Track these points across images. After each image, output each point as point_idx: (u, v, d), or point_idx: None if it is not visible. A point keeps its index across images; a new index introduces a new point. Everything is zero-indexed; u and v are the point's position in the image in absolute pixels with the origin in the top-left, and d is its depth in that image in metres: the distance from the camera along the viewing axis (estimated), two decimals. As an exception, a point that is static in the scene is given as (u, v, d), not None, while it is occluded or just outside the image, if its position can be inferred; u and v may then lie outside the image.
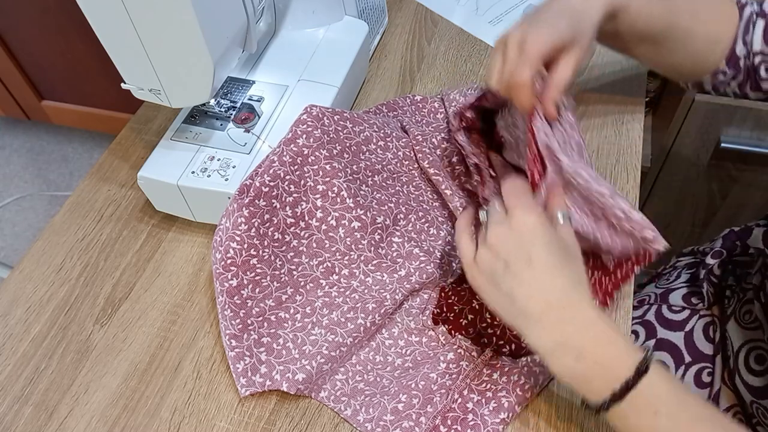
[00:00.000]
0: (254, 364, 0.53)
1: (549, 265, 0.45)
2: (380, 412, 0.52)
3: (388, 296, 0.56)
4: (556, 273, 0.44)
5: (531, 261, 0.45)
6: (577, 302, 0.44)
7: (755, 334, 0.61)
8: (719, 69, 0.61)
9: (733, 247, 0.69)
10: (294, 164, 0.57)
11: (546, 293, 0.44)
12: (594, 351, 0.43)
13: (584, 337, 0.43)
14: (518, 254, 0.45)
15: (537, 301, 0.44)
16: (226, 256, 0.54)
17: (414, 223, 0.61)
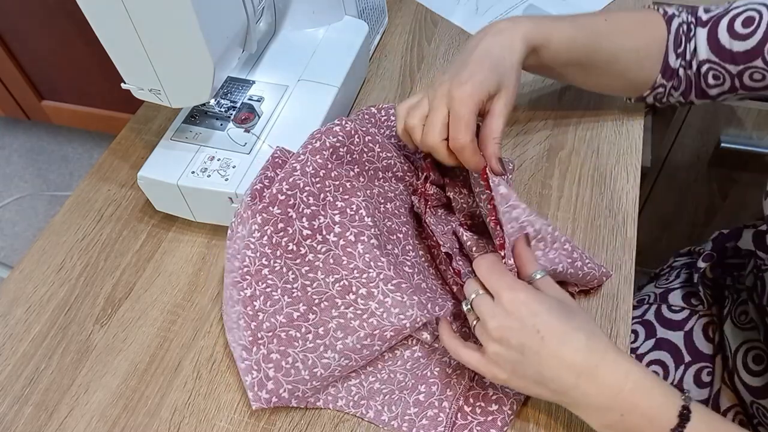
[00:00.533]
0: (261, 380, 0.52)
1: (560, 331, 0.43)
2: (403, 407, 0.52)
3: (408, 324, 0.53)
4: (571, 334, 0.43)
5: (542, 336, 0.43)
6: (603, 354, 0.43)
7: (752, 335, 0.61)
8: (657, 83, 0.62)
9: (723, 249, 0.69)
10: (316, 176, 0.55)
11: (571, 360, 0.43)
12: (636, 406, 0.42)
13: (623, 394, 0.42)
14: (528, 335, 0.44)
15: (566, 374, 0.43)
16: (242, 264, 0.53)
17: (423, 256, 0.60)
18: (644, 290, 0.78)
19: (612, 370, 0.42)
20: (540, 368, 0.44)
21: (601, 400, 0.43)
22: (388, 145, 0.61)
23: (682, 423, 0.41)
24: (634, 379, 0.42)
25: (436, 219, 0.61)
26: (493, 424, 0.50)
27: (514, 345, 0.44)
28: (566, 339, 0.43)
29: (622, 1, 0.84)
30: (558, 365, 0.43)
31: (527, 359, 0.44)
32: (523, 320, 0.44)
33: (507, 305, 0.45)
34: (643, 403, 0.42)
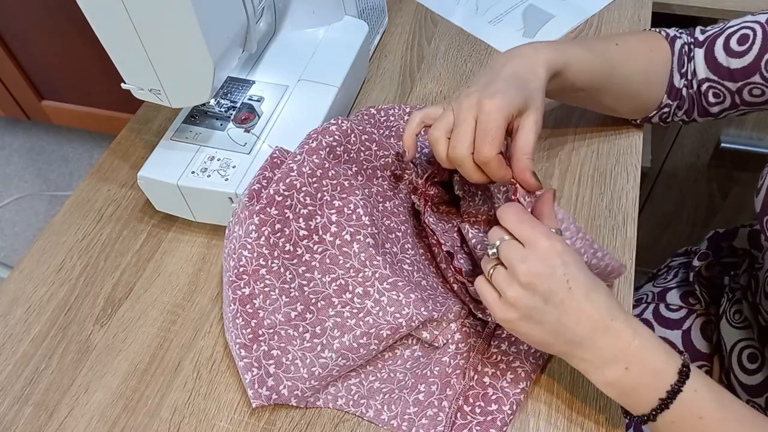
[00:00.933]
0: (262, 377, 0.52)
1: (586, 284, 0.45)
2: (402, 406, 0.52)
3: (404, 323, 0.53)
4: (595, 291, 0.45)
5: (570, 286, 0.44)
6: (617, 314, 0.45)
7: (746, 333, 0.61)
8: (663, 103, 0.63)
9: (718, 248, 0.69)
10: (313, 176, 0.55)
11: (591, 314, 0.44)
12: (641, 360, 0.44)
13: (630, 348, 0.44)
14: (557, 283, 0.44)
15: (584, 325, 0.44)
16: (239, 264, 0.53)
17: (423, 254, 0.60)
18: (642, 289, 0.78)
19: (623, 326, 0.44)
20: (560, 317, 0.44)
21: (610, 352, 0.44)
22: (385, 144, 0.61)
23: (681, 380, 0.43)
24: (641, 337, 0.44)
25: (437, 217, 0.61)
26: (493, 424, 0.50)
27: (540, 291, 0.44)
28: (590, 293, 0.44)
29: (621, 2, 0.84)
30: (578, 316, 0.44)
31: (549, 306, 0.44)
32: (555, 268, 0.45)
33: (543, 252, 0.45)
34: (648, 358, 0.44)
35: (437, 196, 0.61)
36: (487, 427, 0.50)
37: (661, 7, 0.98)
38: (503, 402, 0.51)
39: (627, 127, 0.70)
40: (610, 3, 0.84)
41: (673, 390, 0.43)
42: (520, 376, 0.52)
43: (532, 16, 0.84)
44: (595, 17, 0.83)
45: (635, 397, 0.45)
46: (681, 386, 0.43)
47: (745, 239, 0.65)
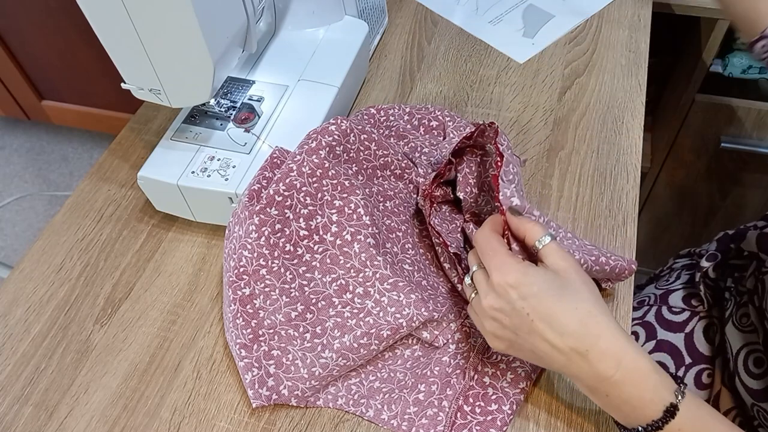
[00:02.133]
0: (262, 377, 0.53)
1: (550, 314, 0.43)
2: (402, 406, 0.52)
3: (404, 323, 0.53)
4: (561, 318, 0.43)
5: (532, 319, 0.44)
6: (595, 340, 0.43)
7: (752, 337, 0.61)
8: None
9: (727, 250, 0.69)
10: (313, 176, 0.55)
11: (561, 344, 0.43)
12: (622, 391, 0.43)
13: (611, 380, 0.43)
14: (518, 317, 0.44)
15: (556, 356, 0.44)
16: (239, 264, 0.53)
17: (424, 254, 0.60)
18: (644, 291, 0.78)
19: (602, 357, 0.43)
20: (533, 347, 0.45)
21: (589, 381, 0.44)
22: (384, 143, 0.61)
23: (665, 418, 0.42)
24: (624, 370, 0.42)
25: (441, 218, 0.61)
26: (493, 424, 0.50)
27: (507, 325, 0.45)
28: (555, 323, 0.43)
29: (621, 2, 0.84)
30: (548, 348, 0.44)
31: (521, 338, 0.45)
32: (512, 303, 0.44)
33: (497, 287, 0.45)
34: (629, 393, 0.43)
35: (442, 196, 0.61)
36: (487, 427, 0.50)
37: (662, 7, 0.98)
38: (503, 402, 0.51)
39: (627, 127, 0.70)
40: (610, 3, 0.84)
41: (653, 426, 0.42)
42: (520, 376, 0.52)
43: (532, 16, 0.84)
44: (595, 17, 0.83)
45: (618, 415, 0.45)
46: (663, 425, 0.42)
47: (753, 242, 0.65)
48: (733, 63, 1.02)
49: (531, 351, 0.45)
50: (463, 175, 0.60)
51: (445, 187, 0.62)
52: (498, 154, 0.52)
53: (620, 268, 0.54)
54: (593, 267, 0.52)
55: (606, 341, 0.43)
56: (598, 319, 0.43)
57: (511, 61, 0.79)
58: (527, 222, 0.48)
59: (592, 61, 0.78)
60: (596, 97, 0.74)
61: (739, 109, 1.05)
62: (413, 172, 0.63)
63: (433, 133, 0.68)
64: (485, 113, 0.73)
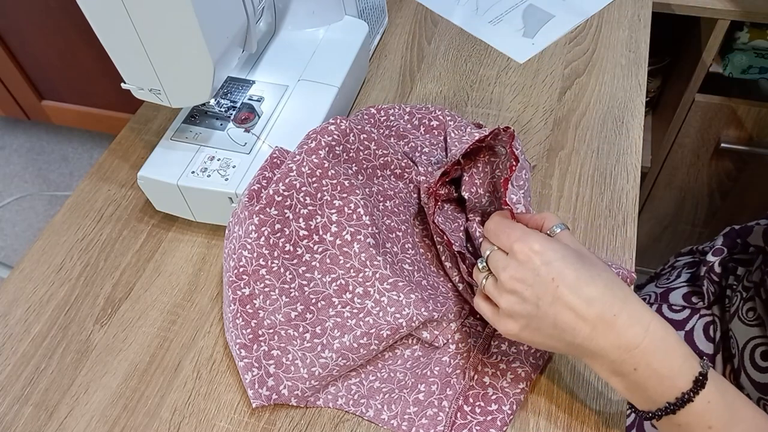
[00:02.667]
0: (262, 377, 0.53)
1: (576, 278, 0.42)
2: (402, 406, 0.52)
3: (404, 323, 0.53)
4: (587, 282, 0.42)
5: (557, 285, 0.42)
6: (622, 305, 0.41)
7: (759, 331, 0.61)
8: None
9: (733, 245, 0.69)
10: (312, 176, 0.55)
11: (587, 313, 0.41)
12: (652, 360, 0.41)
13: (639, 348, 0.41)
14: (542, 285, 0.43)
15: (581, 326, 0.42)
16: (239, 264, 0.53)
17: (424, 254, 0.60)
18: (645, 290, 0.78)
19: (630, 323, 0.41)
20: (555, 320, 0.42)
21: (615, 353, 0.41)
22: (384, 143, 0.61)
23: (695, 389, 0.40)
24: (652, 337, 0.41)
25: (444, 216, 0.61)
26: (493, 424, 0.50)
27: (528, 297, 0.43)
28: (582, 287, 0.42)
29: (621, 2, 0.84)
30: (573, 317, 0.42)
31: (542, 311, 0.43)
32: (537, 270, 0.43)
33: (519, 255, 0.44)
34: (659, 362, 0.41)
35: (446, 195, 0.61)
36: (487, 427, 0.50)
37: (661, 7, 0.98)
38: (503, 402, 0.51)
39: (627, 127, 0.70)
40: (610, 3, 0.84)
41: (683, 398, 0.40)
42: (520, 376, 0.52)
43: (532, 16, 0.84)
44: (595, 17, 0.83)
45: (642, 395, 0.42)
46: (693, 396, 0.40)
47: (760, 237, 0.65)
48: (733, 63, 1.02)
49: (552, 326, 0.43)
50: (470, 174, 0.60)
51: (448, 186, 0.62)
52: (514, 157, 0.52)
53: (622, 276, 0.54)
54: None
55: (632, 307, 0.41)
56: (622, 287, 0.42)
57: (511, 61, 0.79)
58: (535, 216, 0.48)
59: (592, 61, 0.78)
60: (596, 97, 0.74)
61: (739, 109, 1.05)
62: (413, 171, 0.63)
63: (434, 132, 0.68)
64: (485, 113, 0.73)
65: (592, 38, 0.81)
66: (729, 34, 1.00)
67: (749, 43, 1.00)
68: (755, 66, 1.02)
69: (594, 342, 0.42)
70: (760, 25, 0.99)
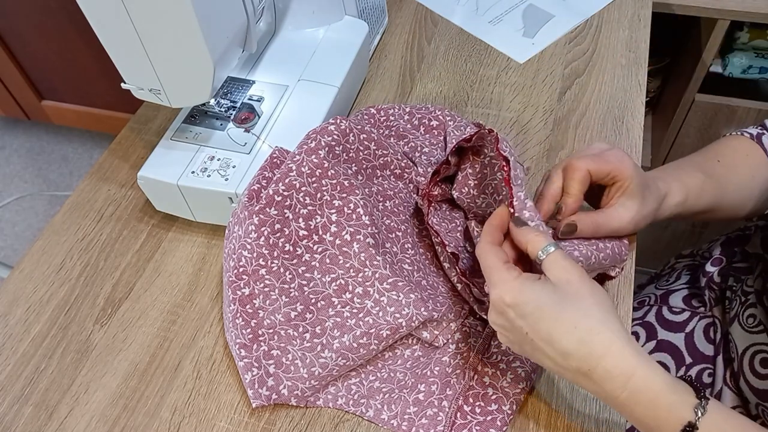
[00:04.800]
0: (262, 377, 0.53)
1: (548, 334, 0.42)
2: (402, 406, 0.52)
3: (404, 323, 0.53)
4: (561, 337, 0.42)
5: (532, 338, 0.43)
6: (598, 360, 0.41)
7: (759, 338, 0.61)
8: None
9: (732, 254, 0.69)
10: (312, 176, 0.55)
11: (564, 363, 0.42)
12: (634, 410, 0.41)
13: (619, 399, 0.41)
14: (518, 334, 0.44)
15: (564, 370, 0.43)
16: (238, 264, 0.54)
17: (424, 254, 0.61)
18: (645, 291, 0.78)
19: (608, 377, 0.41)
20: (540, 361, 0.45)
21: (601, 396, 0.43)
22: (384, 143, 0.61)
23: None
24: (633, 390, 0.41)
25: (440, 217, 0.61)
26: (493, 424, 0.50)
27: (512, 340, 0.46)
28: (555, 343, 0.42)
29: (621, 2, 0.84)
30: (553, 364, 0.44)
31: (526, 352, 0.45)
32: (511, 322, 0.44)
33: (495, 305, 0.45)
34: (641, 413, 0.41)
35: (440, 195, 0.61)
36: (486, 427, 0.50)
37: (661, 7, 0.98)
38: (503, 402, 0.51)
39: (627, 127, 0.70)
40: (610, 3, 0.84)
41: None
42: (520, 376, 0.52)
43: (532, 16, 0.84)
44: (595, 17, 0.83)
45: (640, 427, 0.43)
46: None
47: (758, 244, 0.65)
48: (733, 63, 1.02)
49: (539, 362, 0.45)
50: (464, 174, 0.60)
51: (443, 186, 0.62)
52: (503, 158, 0.52)
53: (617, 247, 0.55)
54: (602, 260, 0.52)
55: (611, 361, 0.41)
56: (602, 337, 0.41)
57: (511, 61, 0.79)
58: (529, 233, 0.47)
59: (592, 61, 0.78)
60: (596, 97, 0.74)
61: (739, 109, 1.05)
62: (413, 171, 0.63)
63: (434, 132, 0.68)
64: (485, 113, 0.73)
65: (592, 38, 0.81)
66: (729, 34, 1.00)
67: (749, 43, 1.01)
68: (755, 66, 1.02)
69: (579, 384, 0.44)
70: (760, 25, 0.99)
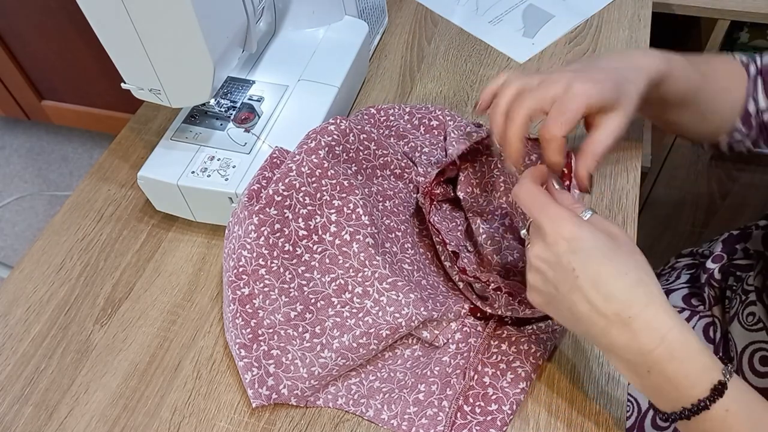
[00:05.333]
0: (262, 377, 0.53)
1: (597, 274, 0.41)
2: (402, 406, 0.52)
3: (403, 323, 0.53)
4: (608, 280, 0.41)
5: (577, 275, 0.41)
6: (643, 307, 0.40)
7: (759, 336, 0.61)
8: (735, 128, 0.61)
9: (733, 250, 0.69)
10: (312, 176, 0.55)
11: (602, 309, 0.41)
12: (666, 367, 0.40)
13: (653, 354, 0.40)
14: (563, 274, 0.42)
15: (596, 320, 0.41)
16: (238, 264, 0.54)
17: (423, 254, 0.61)
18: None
19: (647, 327, 0.40)
20: (572, 307, 0.42)
21: (629, 353, 0.41)
22: (384, 143, 0.61)
23: (712, 397, 0.39)
24: (668, 344, 0.40)
25: (441, 216, 0.61)
26: (493, 424, 0.50)
27: (550, 278, 0.43)
28: (602, 283, 0.41)
29: (621, 2, 0.84)
30: (589, 308, 0.41)
31: (561, 295, 0.43)
32: (560, 255, 0.42)
33: (548, 238, 0.43)
34: (673, 370, 0.40)
35: (442, 195, 0.61)
36: (486, 427, 0.50)
37: (661, 7, 0.98)
38: (503, 402, 0.51)
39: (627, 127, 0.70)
40: (610, 3, 0.84)
41: (699, 405, 0.40)
42: (520, 376, 0.52)
43: (532, 16, 0.85)
44: (595, 17, 0.83)
45: (658, 397, 0.42)
46: (710, 404, 0.39)
47: (759, 241, 0.65)
48: (733, 63, 1.02)
49: (569, 311, 0.43)
50: (466, 175, 0.60)
51: (445, 185, 0.62)
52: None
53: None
54: None
55: (653, 311, 0.40)
56: (649, 289, 0.41)
57: (511, 61, 0.79)
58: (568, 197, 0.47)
59: (592, 61, 0.78)
60: (596, 97, 0.74)
61: (739, 109, 1.05)
62: (413, 171, 0.63)
63: (434, 132, 0.68)
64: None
65: (592, 38, 0.81)
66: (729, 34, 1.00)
67: (749, 43, 1.01)
68: (755, 66, 1.02)
69: (608, 338, 0.42)
70: (760, 25, 0.99)
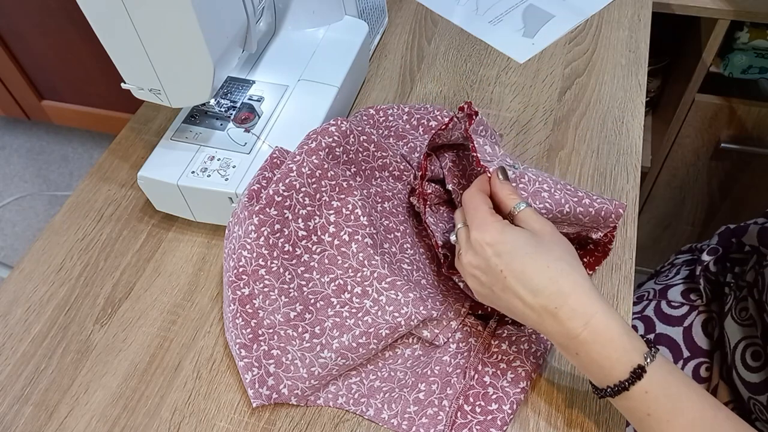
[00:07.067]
0: (262, 376, 0.53)
1: (522, 272, 0.45)
2: (403, 405, 0.52)
3: (403, 322, 0.53)
4: (533, 276, 0.45)
5: (505, 276, 0.45)
6: (566, 298, 0.44)
7: (750, 331, 0.61)
8: None
9: (728, 244, 0.69)
10: (312, 177, 0.55)
11: (531, 302, 0.45)
12: (590, 350, 0.44)
13: (579, 338, 0.44)
14: (494, 277, 0.46)
15: (529, 311, 0.45)
16: (238, 264, 0.54)
17: (423, 254, 0.61)
18: (644, 287, 0.78)
19: (571, 316, 0.44)
20: (507, 304, 0.47)
21: (560, 338, 0.45)
22: (383, 145, 0.61)
23: (630, 379, 0.43)
24: (592, 329, 0.43)
25: (437, 218, 0.61)
26: (493, 424, 0.50)
27: (484, 282, 0.47)
28: (527, 280, 0.45)
29: (621, 2, 0.84)
30: (521, 304, 0.45)
31: (496, 295, 0.47)
32: (487, 260, 0.46)
33: (474, 245, 0.47)
34: (596, 353, 0.43)
35: (435, 195, 0.61)
36: (487, 427, 0.50)
37: (661, 7, 0.98)
38: (503, 401, 0.51)
39: (627, 127, 0.70)
40: (610, 3, 0.84)
41: (620, 386, 0.43)
42: (520, 375, 0.52)
43: (532, 16, 0.85)
44: (595, 17, 0.83)
45: (591, 375, 0.46)
46: (629, 386, 0.43)
47: (754, 236, 0.65)
48: (733, 63, 1.02)
49: (506, 308, 0.47)
50: (448, 168, 0.60)
51: (435, 185, 0.62)
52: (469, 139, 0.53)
53: (606, 211, 0.54)
54: (576, 209, 0.52)
55: (575, 300, 0.44)
56: (571, 279, 0.45)
57: (511, 61, 0.79)
58: (506, 188, 0.50)
59: (592, 61, 0.78)
60: (596, 97, 0.74)
61: (739, 109, 1.05)
62: (412, 173, 0.63)
63: (433, 132, 0.68)
64: (485, 113, 0.73)
65: (592, 38, 0.81)
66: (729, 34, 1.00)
67: (749, 43, 1.01)
68: (755, 66, 1.02)
69: (542, 327, 0.46)
70: (760, 25, 0.99)
